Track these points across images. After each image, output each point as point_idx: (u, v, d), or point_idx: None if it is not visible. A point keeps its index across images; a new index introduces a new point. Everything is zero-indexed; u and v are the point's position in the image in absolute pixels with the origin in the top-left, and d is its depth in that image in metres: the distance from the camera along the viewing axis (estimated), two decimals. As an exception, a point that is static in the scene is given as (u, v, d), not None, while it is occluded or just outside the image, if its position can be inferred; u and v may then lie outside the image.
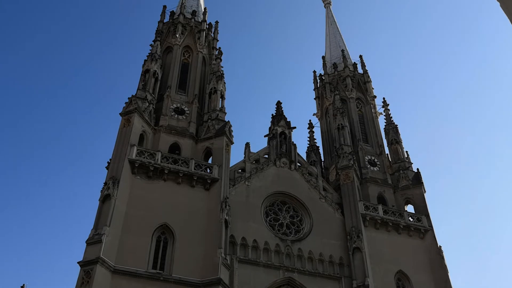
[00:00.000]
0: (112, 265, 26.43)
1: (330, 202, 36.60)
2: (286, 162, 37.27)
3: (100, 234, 26.83)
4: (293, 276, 31.60)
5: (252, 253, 31.58)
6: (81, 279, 25.40)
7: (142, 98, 34.71)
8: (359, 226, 34.80)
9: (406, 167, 41.84)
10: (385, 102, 47.43)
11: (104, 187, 29.39)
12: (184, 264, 28.19)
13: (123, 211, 28.86)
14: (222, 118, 36.37)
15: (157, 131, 34.66)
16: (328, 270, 32.79)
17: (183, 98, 38.16)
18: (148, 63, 37.63)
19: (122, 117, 33.23)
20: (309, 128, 48.54)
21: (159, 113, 35.73)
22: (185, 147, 34.53)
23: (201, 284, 27.49)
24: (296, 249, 32.88)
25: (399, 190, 40.41)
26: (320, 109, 49.43)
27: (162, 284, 27.14)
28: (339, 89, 47.63)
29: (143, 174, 31.13)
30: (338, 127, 41.97)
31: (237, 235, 31.62)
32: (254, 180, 35.24)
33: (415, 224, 37.38)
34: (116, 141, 32.25)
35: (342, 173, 38.17)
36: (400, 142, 43.93)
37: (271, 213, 34.64)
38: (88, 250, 26.52)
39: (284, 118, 40.01)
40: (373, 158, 42.55)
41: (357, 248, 33.47)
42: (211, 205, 31.06)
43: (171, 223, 29.62)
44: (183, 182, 31.72)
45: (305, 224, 34.92)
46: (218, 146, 34.34)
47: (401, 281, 34.53)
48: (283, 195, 35.77)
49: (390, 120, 45.73)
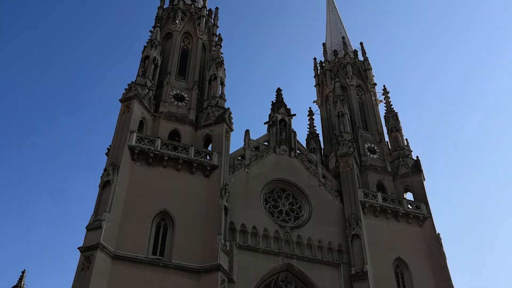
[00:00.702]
0: (112, 250, 26.57)
1: (330, 190, 36.70)
2: (286, 149, 37.29)
3: (100, 220, 26.93)
4: (292, 263, 31.79)
5: (252, 239, 31.73)
6: (81, 264, 25.56)
7: (142, 85, 34.60)
8: (358, 213, 34.93)
9: (406, 155, 41.90)
10: (385, 89, 47.36)
11: (104, 173, 29.43)
12: (184, 250, 28.33)
13: (123, 197, 28.93)
14: (222, 105, 36.30)
15: (156, 117, 34.61)
16: (327, 257, 32.98)
17: (183, 85, 38.05)
18: (148, 49, 37.44)
19: (122, 104, 33.15)
20: (309, 116, 48.49)
21: (158, 100, 35.65)
22: (184, 134, 34.51)
23: (201, 270, 27.65)
24: (295, 235, 33.03)
25: (398, 177, 40.50)
26: (320, 96, 49.32)
27: (162, 270, 27.30)
28: (340, 76, 47.49)
29: (143, 160, 31.15)
30: (338, 115, 41.92)
31: (237, 221, 31.74)
32: (253, 167, 35.29)
33: (414, 211, 37.53)
34: (116, 127, 32.22)
35: (341, 161, 38.22)
36: (400, 129, 43.95)
37: (270, 200, 34.75)
38: (88, 236, 26.62)
39: (284, 105, 39.93)
40: (372, 145, 42.58)
41: (356, 235, 33.64)
42: (210, 191, 31.14)
43: (170, 210, 29.71)
44: (182, 168, 31.76)
45: (304, 211, 35.05)
46: (218, 133, 34.32)
47: (400, 268, 34.76)
48: (282, 182, 35.84)
49: (390, 108, 45.71)
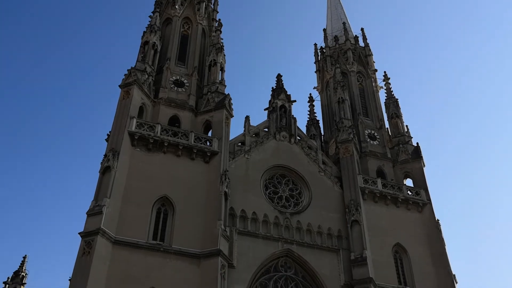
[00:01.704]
0: (112, 236, 26.69)
1: (329, 176, 36.75)
2: (286, 135, 37.26)
3: (100, 205, 27.00)
4: (291, 248, 31.95)
5: (252, 225, 31.86)
6: (82, 249, 25.68)
7: (142, 70, 34.45)
8: (357, 199, 35.03)
9: (406, 141, 41.88)
10: (386, 76, 47.18)
11: (104, 159, 29.44)
12: (184, 236, 28.46)
13: (123, 183, 28.98)
14: (222, 91, 36.18)
15: (156, 103, 34.51)
16: (326, 242, 33.14)
17: (183, 71, 37.88)
18: (147, 34, 37.21)
19: (122, 89, 33.03)
20: (309, 102, 48.38)
21: (158, 86, 35.52)
22: (184, 119, 34.44)
23: (201, 255, 27.81)
24: (295, 221, 33.16)
25: (398, 164, 40.53)
26: (320, 82, 49.15)
27: (162, 255, 27.46)
28: (340, 62, 47.26)
29: (143, 146, 31.14)
30: (339, 101, 41.80)
31: (237, 207, 31.84)
32: (253, 153, 35.29)
33: (413, 197, 37.62)
34: (116, 113, 32.15)
35: (341, 147, 38.22)
36: (400, 116, 43.88)
37: (270, 186, 34.82)
38: (88, 221, 26.72)
39: (284, 91, 39.80)
40: (373, 132, 42.54)
41: (355, 221, 33.77)
42: (210, 177, 31.18)
43: (171, 195, 29.78)
44: (182, 154, 31.77)
45: (304, 197, 35.13)
46: (217, 119, 34.25)
47: (399, 253, 34.95)
48: (282, 168, 35.87)
49: (390, 94, 45.58)
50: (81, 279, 24.60)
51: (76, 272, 25.08)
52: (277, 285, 30.78)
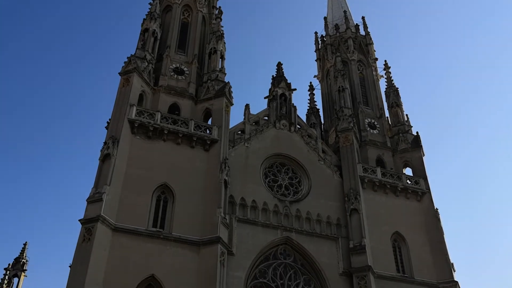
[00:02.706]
0: (112, 223, 26.80)
1: (329, 164, 36.80)
2: (286, 124, 37.24)
3: (100, 192, 27.07)
4: (291, 236, 32.10)
5: (251, 213, 31.97)
6: (82, 236, 25.79)
7: (141, 58, 34.33)
8: (357, 188, 35.13)
9: (406, 130, 41.91)
10: (387, 64, 47.07)
11: (104, 146, 29.43)
12: (184, 223, 28.57)
13: (123, 170, 29.02)
14: (222, 79, 36.08)
15: (156, 91, 34.44)
16: (325, 231, 33.29)
17: (183, 58, 37.74)
18: (147, 22, 37.00)
19: (121, 77, 32.93)
20: (310, 90, 48.26)
21: (158, 73, 35.41)
22: (184, 107, 34.39)
23: (201, 242, 27.94)
24: (294, 209, 33.28)
25: (398, 153, 40.58)
26: (321, 71, 49.02)
27: (162, 242, 27.59)
28: (341, 51, 47.10)
29: (143, 134, 31.13)
30: (339, 89, 41.71)
31: (236, 195, 31.93)
32: (253, 142, 35.31)
33: (412, 186, 37.72)
34: (116, 100, 32.08)
35: (341, 136, 38.23)
36: (401, 105, 43.87)
37: (270, 175, 34.88)
38: (89, 208, 26.79)
39: (284, 80, 39.69)
40: (373, 121, 42.52)
41: (354, 209, 33.90)
42: (210, 165, 31.22)
43: (171, 183, 29.84)
44: (182, 142, 31.78)
45: (304, 186, 35.22)
46: (217, 107, 34.20)
47: (397, 242, 35.14)
48: (282, 156, 35.91)
49: (391, 83, 45.52)
50: (81, 265, 24.73)
51: (76, 258, 25.20)
52: (276, 272, 30.97)
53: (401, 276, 33.40)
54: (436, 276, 33.90)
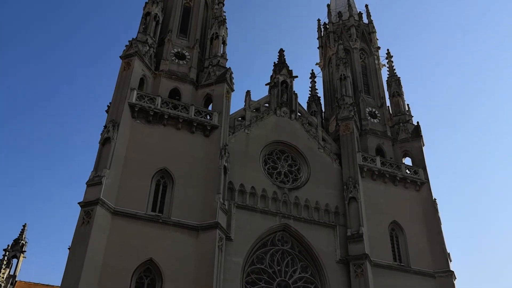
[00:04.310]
0: (112, 206, 26.87)
1: (329, 153, 36.83)
2: (287, 111, 37.18)
3: (100, 176, 27.10)
4: (289, 223, 32.25)
5: (250, 199, 32.07)
6: (81, 219, 25.88)
7: (143, 42, 34.15)
8: (356, 176, 35.20)
9: (406, 120, 41.89)
10: (389, 53, 46.88)
11: (104, 130, 29.39)
12: (183, 208, 28.67)
13: (123, 154, 29.02)
14: (223, 65, 35.93)
15: (157, 75, 34.30)
16: (323, 218, 33.43)
17: (184, 43, 37.53)
18: (149, 5, 36.73)
19: (122, 60, 32.77)
20: (311, 78, 48.12)
21: (159, 58, 35.24)
22: (185, 92, 34.29)
23: (199, 227, 28.06)
24: (293, 197, 33.38)
25: (398, 142, 40.61)
26: (323, 58, 48.82)
27: (161, 227, 27.71)
28: (343, 39, 46.84)
29: (143, 118, 31.08)
30: (341, 78, 41.55)
31: (236, 181, 32.00)
32: (253, 129, 35.28)
33: (411, 176, 37.79)
34: (116, 84, 31.96)
35: (342, 124, 38.20)
36: (402, 94, 43.80)
37: (269, 162, 34.92)
38: (88, 191, 26.86)
39: (286, 67, 39.52)
40: (373, 110, 42.45)
41: (353, 198, 34.00)
42: (210, 151, 31.23)
43: (170, 168, 29.87)
44: (182, 128, 31.75)
45: (303, 173, 35.28)
46: (218, 93, 34.09)
47: (395, 231, 35.29)
48: (282, 144, 35.91)
49: (393, 72, 45.38)
50: (80, 248, 24.86)
51: (75, 241, 25.33)
52: (273, 258, 31.16)
53: (398, 265, 33.62)
54: (432, 265, 34.12)
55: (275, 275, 30.60)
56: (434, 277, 33.64)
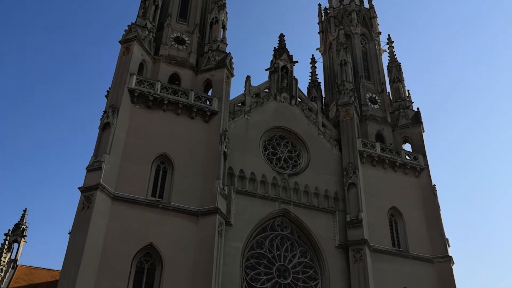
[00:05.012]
0: (112, 191, 26.93)
1: (329, 138, 36.82)
2: (287, 97, 37.06)
3: (100, 161, 27.11)
4: (288, 208, 32.37)
5: (250, 185, 32.14)
6: (81, 204, 25.96)
7: (142, 26, 33.89)
8: (356, 162, 35.24)
9: (407, 106, 41.82)
10: (390, 39, 46.61)
11: (103, 115, 29.34)
12: (183, 193, 28.75)
13: (122, 139, 29.00)
14: (223, 50, 35.72)
15: (156, 60, 34.11)
16: (323, 204, 33.55)
17: (184, 28, 37.26)
18: (148, -11, 36.33)
19: (122, 45, 32.57)
20: (312, 63, 47.88)
21: (159, 42, 35.01)
22: (185, 78, 34.14)
23: (199, 213, 28.18)
24: (292, 182, 33.45)
25: (398, 128, 40.59)
26: (323, 43, 48.53)
27: (161, 212, 27.82)
28: (344, 23, 46.51)
29: (143, 103, 30.99)
30: (341, 63, 41.35)
31: (235, 167, 32.03)
32: (253, 114, 35.21)
33: (411, 162, 37.84)
34: (116, 69, 31.82)
35: (342, 110, 38.13)
36: (402, 80, 43.67)
37: (269, 147, 34.93)
38: (88, 176, 26.89)
39: (286, 52, 39.30)
40: (374, 95, 42.34)
41: (352, 183, 34.09)
42: (210, 137, 31.21)
43: (170, 153, 29.88)
44: (182, 113, 31.68)
45: (303, 159, 35.31)
46: (218, 78, 33.95)
47: (394, 216, 35.45)
48: (282, 130, 35.88)
49: (393, 58, 45.19)
50: (80, 233, 24.97)
51: (75, 226, 25.42)
52: (272, 243, 31.35)
53: (397, 250, 33.83)
54: (431, 251, 34.35)
55: (275, 259, 30.82)
56: (432, 262, 33.89)
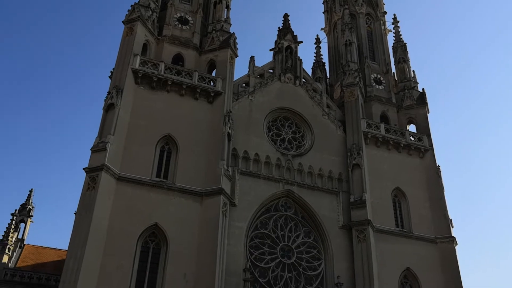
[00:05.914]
0: (117, 172, 27.08)
1: (333, 119, 36.71)
2: (291, 77, 36.86)
3: (104, 142, 27.19)
4: (292, 189, 32.48)
5: (254, 165, 32.21)
6: (87, 184, 26.15)
7: (145, 6, 33.60)
8: (360, 143, 35.19)
9: (412, 87, 41.53)
10: (395, 19, 46.09)
11: (107, 96, 29.32)
12: (187, 174, 28.87)
13: (126, 120, 29.03)
14: (227, 30, 35.44)
15: (160, 41, 33.92)
16: (326, 185, 33.63)
17: (187, 7, 36.92)
18: (151, -32, 35.89)
19: (125, 26, 32.43)
20: (316, 43, 47.53)
21: (162, 23, 34.77)
22: (188, 58, 33.97)
23: (204, 193, 28.33)
24: (296, 163, 33.49)
25: (402, 109, 40.40)
26: (328, 23, 48.02)
27: (166, 192, 27.99)
28: (349, 3, 45.91)
29: (147, 84, 30.92)
30: (346, 43, 40.97)
31: (239, 148, 32.07)
32: (257, 95, 35.08)
33: (415, 143, 37.75)
34: (119, 50, 31.71)
35: (346, 90, 37.93)
36: (408, 61, 43.28)
37: (273, 128, 34.89)
38: (93, 157, 27.03)
39: (291, 32, 38.95)
40: (379, 76, 42.04)
41: (356, 164, 34.11)
42: (214, 118, 31.18)
43: (174, 134, 29.93)
44: (186, 94, 31.60)
45: (307, 140, 35.29)
46: (222, 59, 33.76)
47: (398, 197, 35.54)
48: (286, 110, 35.78)
49: (399, 38, 44.74)
50: (86, 213, 25.21)
51: (81, 206, 25.66)
52: (276, 224, 31.55)
53: (400, 230, 33.99)
54: (434, 231, 34.49)
55: (279, 239, 31.05)
56: (435, 242, 34.07)
